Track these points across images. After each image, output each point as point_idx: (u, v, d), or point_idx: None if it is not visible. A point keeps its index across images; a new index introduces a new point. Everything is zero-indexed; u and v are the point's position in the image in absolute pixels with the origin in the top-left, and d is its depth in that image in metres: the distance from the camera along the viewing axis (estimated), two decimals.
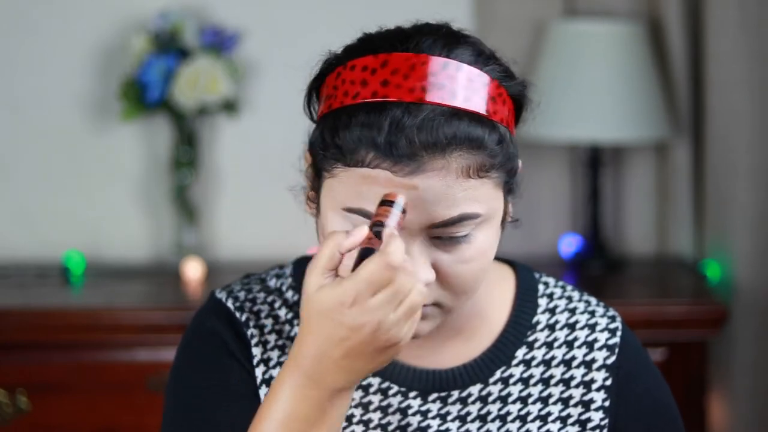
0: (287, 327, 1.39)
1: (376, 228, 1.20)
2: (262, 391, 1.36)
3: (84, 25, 2.88)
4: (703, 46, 2.80)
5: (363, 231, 1.20)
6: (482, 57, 1.28)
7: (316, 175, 1.30)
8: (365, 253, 1.19)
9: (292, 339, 1.38)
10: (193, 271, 2.75)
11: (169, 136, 2.88)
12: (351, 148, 1.23)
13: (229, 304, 1.40)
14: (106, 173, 2.91)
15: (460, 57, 1.26)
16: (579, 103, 2.72)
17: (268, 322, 1.39)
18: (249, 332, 1.38)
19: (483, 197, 1.26)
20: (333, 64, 1.30)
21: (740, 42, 2.71)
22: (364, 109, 1.23)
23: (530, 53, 2.85)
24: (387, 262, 1.17)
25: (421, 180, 1.22)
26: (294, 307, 1.41)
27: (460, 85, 1.24)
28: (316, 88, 1.32)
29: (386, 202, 1.21)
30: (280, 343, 1.38)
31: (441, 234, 1.25)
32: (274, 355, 1.38)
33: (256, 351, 1.37)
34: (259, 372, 1.37)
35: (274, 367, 1.37)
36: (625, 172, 2.94)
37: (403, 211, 1.21)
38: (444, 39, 1.27)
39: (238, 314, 1.39)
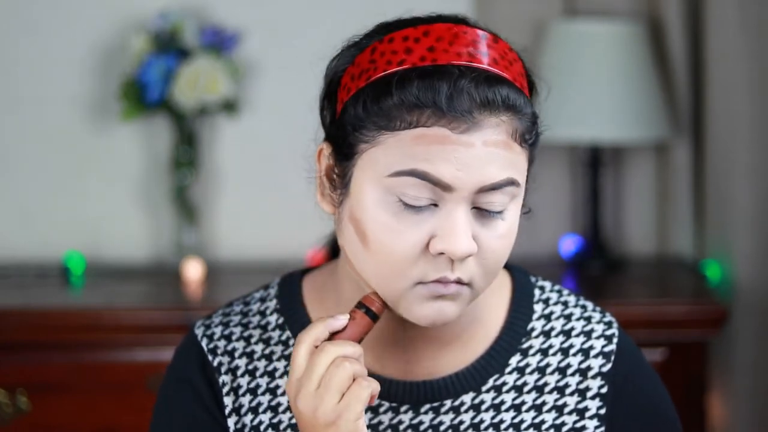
0: (263, 362, 1.39)
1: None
2: None
3: (84, 25, 2.88)
4: (703, 46, 2.80)
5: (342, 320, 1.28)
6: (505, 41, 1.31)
7: (345, 159, 1.29)
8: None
9: (269, 373, 1.38)
10: (193, 271, 2.75)
11: (169, 136, 2.88)
12: (406, 109, 1.23)
13: (204, 344, 1.40)
14: (106, 173, 2.91)
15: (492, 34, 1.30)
16: (579, 103, 2.72)
17: (242, 362, 1.39)
18: (221, 380, 1.38)
19: (522, 168, 1.27)
20: (362, 45, 1.30)
21: (740, 42, 2.70)
22: (415, 73, 1.24)
23: (530, 53, 2.85)
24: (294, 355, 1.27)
25: (477, 137, 1.23)
26: (275, 331, 1.40)
27: (499, 56, 1.27)
28: (340, 73, 1.32)
29: (372, 313, 1.29)
30: (252, 385, 1.38)
31: (483, 204, 1.25)
32: (246, 401, 1.38)
33: (228, 401, 1.38)
34: (231, 422, 1.38)
35: (245, 414, 1.37)
36: (625, 172, 2.93)
37: (374, 318, 1.28)
38: (462, 22, 1.30)
39: (210, 357, 1.39)
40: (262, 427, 1.37)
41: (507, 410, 1.36)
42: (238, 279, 2.75)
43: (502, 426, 1.36)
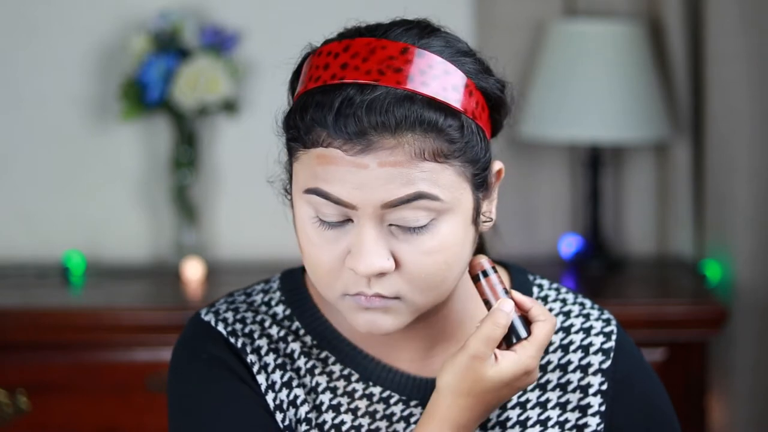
0: (282, 344, 1.38)
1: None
2: (278, 416, 1.36)
3: (84, 25, 2.88)
4: (703, 46, 2.80)
5: (510, 304, 1.29)
6: (452, 49, 1.29)
7: (289, 171, 1.32)
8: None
9: (288, 356, 1.38)
10: (193, 271, 2.75)
11: (169, 136, 2.88)
12: (307, 129, 1.25)
13: (220, 328, 1.39)
14: (106, 173, 2.91)
15: (426, 46, 1.27)
16: (579, 103, 2.72)
17: (263, 342, 1.38)
18: (249, 359, 1.37)
19: (444, 183, 1.25)
20: (308, 55, 1.32)
21: (740, 42, 2.71)
22: (320, 91, 1.25)
23: (530, 53, 2.85)
24: (554, 322, 1.29)
25: (371, 159, 1.23)
26: (284, 321, 1.40)
27: (419, 71, 1.25)
28: (295, 83, 1.34)
29: (477, 276, 1.31)
30: (279, 362, 1.38)
31: (398, 222, 1.25)
32: (277, 377, 1.37)
33: (261, 379, 1.37)
34: (269, 399, 1.36)
35: (280, 389, 1.37)
36: (625, 172, 2.93)
37: (494, 270, 1.31)
38: (416, 29, 1.29)
39: (232, 340, 1.38)
40: (298, 401, 1.36)
41: (513, 408, 1.37)
42: (238, 279, 2.74)
43: (509, 424, 1.36)
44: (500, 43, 2.83)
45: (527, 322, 1.29)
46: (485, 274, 1.30)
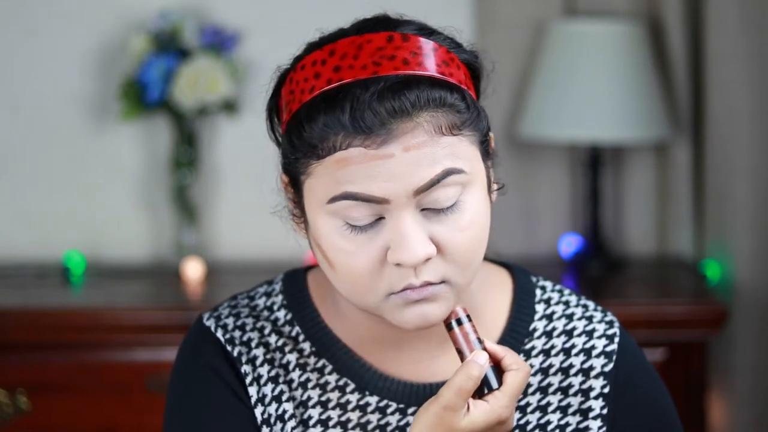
0: (278, 354, 1.39)
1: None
2: (264, 430, 1.36)
3: (84, 25, 2.88)
4: (703, 46, 2.80)
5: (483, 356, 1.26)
6: (425, 30, 1.31)
7: (296, 190, 1.31)
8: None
9: (283, 366, 1.38)
10: (193, 271, 2.75)
11: (169, 136, 2.88)
12: (320, 138, 1.24)
13: (219, 334, 1.39)
14: (106, 173, 2.91)
15: (403, 31, 1.29)
16: (579, 103, 2.72)
17: (259, 351, 1.39)
18: (243, 369, 1.37)
19: (463, 154, 1.26)
20: (284, 75, 1.32)
21: (740, 42, 2.71)
22: (323, 98, 1.25)
23: (530, 53, 2.85)
24: (528, 371, 1.26)
25: (395, 147, 1.23)
26: (285, 327, 1.40)
27: (410, 53, 1.26)
28: (274, 106, 1.34)
29: (450, 325, 1.27)
30: (272, 374, 1.38)
31: (431, 204, 1.25)
32: (268, 390, 1.37)
33: (252, 390, 1.37)
34: (258, 412, 1.37)
35: (269, 403, 1.37)
36: (625, 172, 2.93)
37: (468, 319, 1.28)
38: (383, 22, 1.30)
39: (229, 347, 1.38)
40: (286, 416, 1.37)
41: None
42: (238, 279, 2.75)
43: None
44: (500, 43, 2.83)
45: (500, 371, 1.27)
46: (459, 322, 1.28)
